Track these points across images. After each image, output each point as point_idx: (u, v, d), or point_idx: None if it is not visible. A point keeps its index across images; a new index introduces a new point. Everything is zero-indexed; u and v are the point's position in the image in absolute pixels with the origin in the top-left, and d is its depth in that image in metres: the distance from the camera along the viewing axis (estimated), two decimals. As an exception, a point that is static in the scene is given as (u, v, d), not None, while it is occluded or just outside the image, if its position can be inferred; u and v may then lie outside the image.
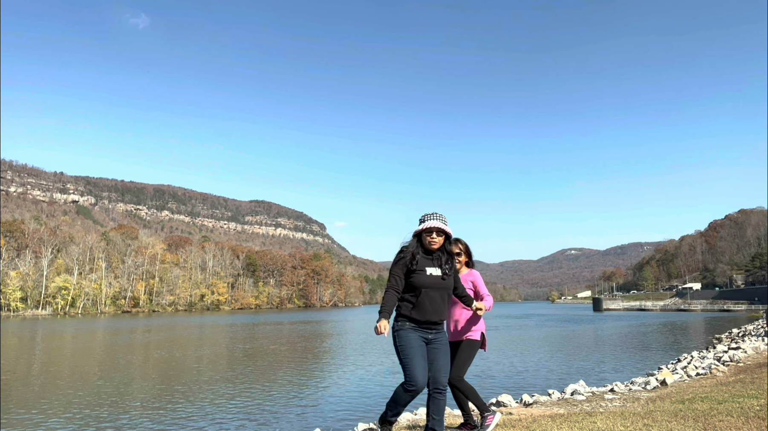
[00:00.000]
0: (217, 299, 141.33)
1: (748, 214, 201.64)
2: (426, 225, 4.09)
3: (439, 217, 4.12)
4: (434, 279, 4.03)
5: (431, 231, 4.08)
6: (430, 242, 4.07)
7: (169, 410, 12.24)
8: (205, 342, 33.18)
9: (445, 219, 4.15)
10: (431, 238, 4.07)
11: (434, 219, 4.10)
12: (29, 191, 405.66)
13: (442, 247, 4.16)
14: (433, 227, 4.07)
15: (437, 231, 4.08)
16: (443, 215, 4.16)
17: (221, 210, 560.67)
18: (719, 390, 8.30)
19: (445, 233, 4.12)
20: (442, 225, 4.08)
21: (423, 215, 4.20)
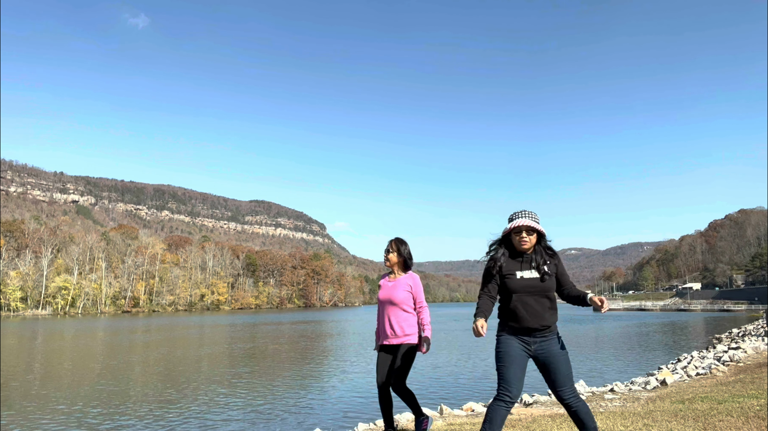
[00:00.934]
0: (217, 299, 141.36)
1: (748, 213, 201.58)
2: (514, 224, 3.78)
3: (528, 215, 3.81)
4: (527, 282, 3.72)
5: (520, 231, 3.76)
6: (520, 242, 3.76)
7: (168, 410, 12.24)
8: (205, 342, 33.18)
9: (536, 216, 3.83)
10: (521, 238, 3.76)
11: (523, 217, 3.78)
12: (29, 191, 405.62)
13: (538, 246, 3.82)
14: (522, 226, 3.75)
15: (527, 229, 3.76)
16: (534, 212, 3.85)
17: (221, 210, 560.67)
18: (719, 390, 8.31)
19: (536, 232, 3.79)
20: (532, 223, 3.75)
21: (512, 214, 3.91)
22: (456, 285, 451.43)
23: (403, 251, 4.87)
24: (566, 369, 3.67)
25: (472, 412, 8.33)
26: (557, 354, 3.68)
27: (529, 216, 3.78)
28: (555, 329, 3.78)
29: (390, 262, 4.89)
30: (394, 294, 4.75)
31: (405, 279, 4.83)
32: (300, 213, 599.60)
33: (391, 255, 4.88)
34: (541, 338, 3.72)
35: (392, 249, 4.89)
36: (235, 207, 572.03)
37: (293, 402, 13.06)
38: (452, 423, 6.17)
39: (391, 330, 4.69)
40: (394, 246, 4.90)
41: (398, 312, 4.71)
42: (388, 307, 4.75)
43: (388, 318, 4.72)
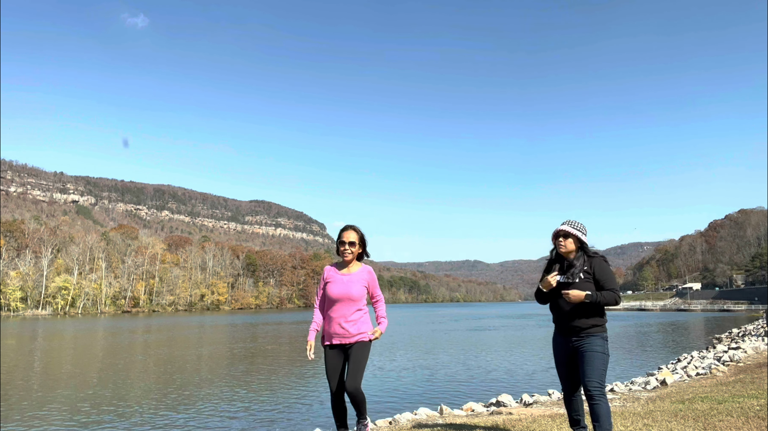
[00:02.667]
0: (217, 299, 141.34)
1: (748, 213, 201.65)
2: (555, 230, 4.19)
3: (570, 222, 4.16)
4: (559, 285, 4.08)
5: (558, 236, 4.16)
6: (557, 246, 4.17)
7: (168, 410, 12.24)
8: (205, 342, 33.18)
9: (578, 225, 4.15)
10: (557, 242, 4.15)
11: (564, 225, 4.15)
12: (29, 191, 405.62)
13: (580, 252, 4.12)
14: (559, 230, 4.14)
15: (563, 234, 4.11)
16: (579, 223, 4.17)
17: (221, 210, 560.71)
18: (719, 390, 8.31)
19: (575, 237, 4.11)
20: (567, 227, 4.10)
21: (563, 222, 4.29)
22: (456, 285, 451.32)
23: (365, 240, 4.43)
24: (599, 364, 3.85)
25: (472, 412, 8.33)
26: (593, 351, 3.90)
27: (570, 224, 4.15)
28: (596, 332, 3.96)
29: (349, 254, 4.34)
30: (351, 290, 4.28)
31: (361, 273, 4.37)
32: (300, 213, 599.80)
33: (352, 246, 4.34)
34: (576, 339, 4.00)
35: (354, 238, 4.36)
36: (235, 207, 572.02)
37: (293, 402, 13.06)
38: (452, 423, 6.18)
39: (345, 330, 4.25)
40: (357, 234, 4.38)
41: (353, 310, 4.28)
42: (342, 304, 4.28)
43: (343, 317, 4.26)
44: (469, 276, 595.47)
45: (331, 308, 4.32)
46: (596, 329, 3.98)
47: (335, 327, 4.28)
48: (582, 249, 4.12)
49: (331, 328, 4.30)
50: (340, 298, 4.27)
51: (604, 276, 4.01)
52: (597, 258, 4.09)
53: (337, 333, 4.27)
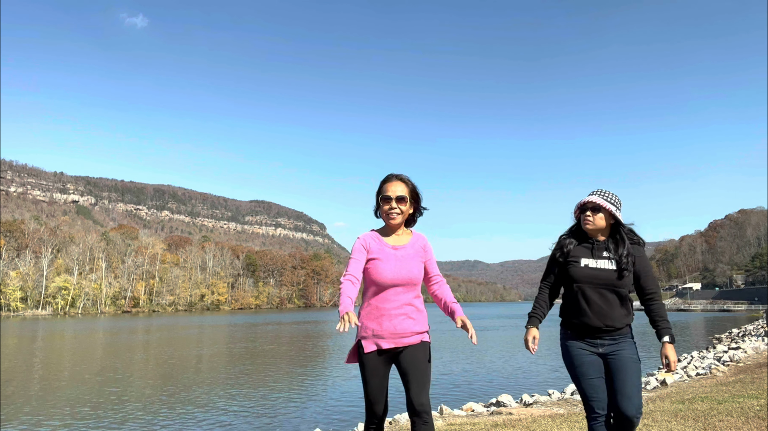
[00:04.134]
0: (217, 299, 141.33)
1: (748, 213, 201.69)
2: (581, 202, 3.20)
3: (601, 193, 3.18)
4: (592, 272, 3.09)
5: (585, 209, 3.17)
6: (584, 221, 3.17)
7: (168, 410, 12.24)
8: (205, 343, 33.17)
9: (611, 196, 3.17)
10: (585, 217, 3.17)
11: (593, 194, 3.17)
12: (29, 191, 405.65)
13: (613, 232, 3.20)
14: (587, 202, 3.15)
15: (593, 207, 3.14)
16: (612, 193, 3.19)
17: (221, 210, 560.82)
18: (719, 390, 8.30)
19: (607, 212, 3.14)
20: (600, 200, 3.12)
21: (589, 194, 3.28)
22: (456, 285, 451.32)
23: (419, 195, 3.10)
24: (636, 380, 3.01)
25: (472, 412, 8.33)
26: (629, 361, 3.05)
27: (601, 194, 3.17)
28: (627, 332, 3.15)
29: (398, 214, 2.99)
30: (412, 271, 2.96)
31: (416, 244, 3.05)
32: (300, 213, 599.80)
33: (401, 203, 2.99)
34: (609, 340, 3.10)
35: (404, 191, 3.00)
36: (235, 207, 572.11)
37: (293, 402, 13.05)
38: (452, 423, 6.17)
39: (404, 327, 2.92)
40: (408, 186, 3.03)
41: (412, 297, 2.98)
42: (397, 291, 2.93)
43: (399, 309, 2.93)
44: (469, 276, 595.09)
45: (377, 296, 2.95)
46: (628, 329, 3.16)
47: (388, 324, 2.91)
48: (617, 228, 3.18)
49: (381, 326, 2.92)
50: (396, 282, 2.92)
51: (647, 272, 3.15)
52: (639, 246, 3.18)
53: (393, 332, 2.91)
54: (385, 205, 2.99)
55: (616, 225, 3.20)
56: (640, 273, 3.15)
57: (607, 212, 3.14)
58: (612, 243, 3.17)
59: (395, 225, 3.03)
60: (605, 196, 3.16)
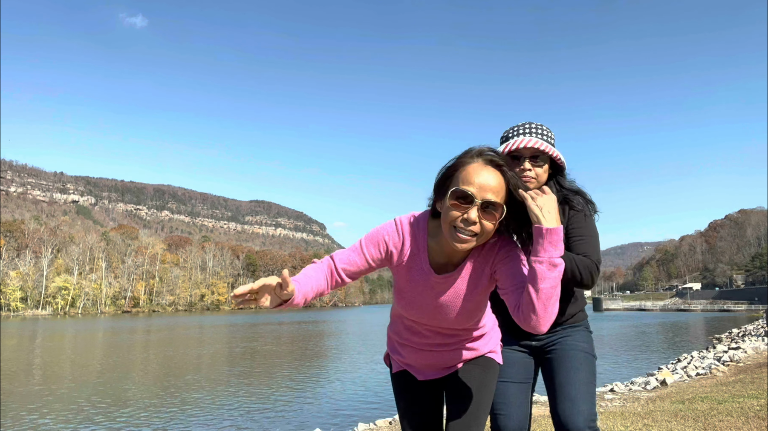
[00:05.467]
0: (217, 299, 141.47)
1: (748, 213, 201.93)
2: (510, 146, 2.12)
3: (535, 130, 2.17)
4: None
5: (519, 157, 2.13)
6: (521, 176, 2.11)
7: (168, 410, 12.24)
8: (205, 342, 33.18)
9: (547, 131, 2.20)
10: (522, 170, 2.12)
11: (526, 134, 2.15)
12: (29, 191, 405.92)
13: (553, 186, 2.23)
14: (522, 148, 2.11)
15: (532, 155, 2.13)
16: (544, 127, 2.21)
17: (221, 210, 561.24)
18: (719, 390, 8.30)
19: (545, 157, 2.17)
20: (540, 142, 2.11)
21: (507, 130, 2.25)
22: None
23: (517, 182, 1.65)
24: (585, 377, 2.14)
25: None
26: (574, 351, 2.22)
27: (535, 132, 2.16)
28: (576, 322, 2.32)
29: (472, 236, 1.60)
30: (457, 313, 1.81)
31: (485, 252, 1.75)
32: (300, 213, 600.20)
33: (488, 214, 1.60)
34: (545, 338, 2.26)
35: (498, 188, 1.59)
36: (235, 207, 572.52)
37: (293, 403, 13.06)
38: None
39: (446, 360, 1.95)
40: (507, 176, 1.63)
41: (461, 333, 1.91)
42: (435, 331, 1.89)
43: (438, 347, 1.92)
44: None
45: (405, 322, 1.95)
46: (578, 318, 2.31)
47: (416, 357, 1.97)
48: (557, 180, 2.25)
49: (407, 356, 1.99)
50: (427, 326, 1.88)
51: (581, 232, 2.13)
52: (578, 210, 2.18)
53: (426, 364, 1.97)
54: (457, 210, 1.59)
55: (555, 176, 2.27)
56: (573, 236, 2.12)
57: (547, 159, 2.19)
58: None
59: (464, 249, 1.64)
60: (543, 134, 2.17)
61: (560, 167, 2.25)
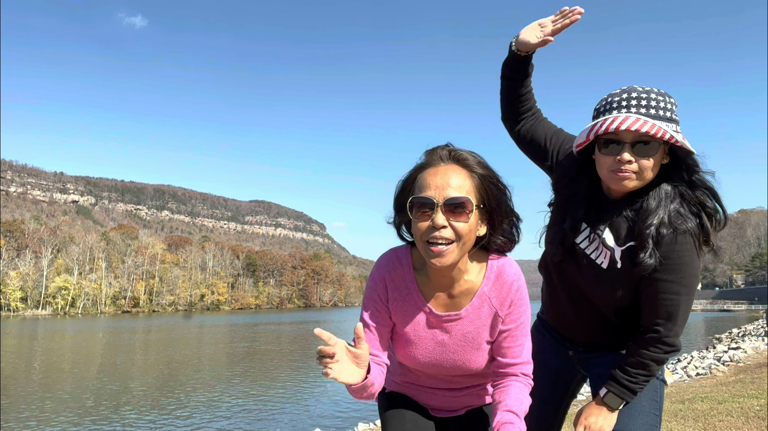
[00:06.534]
0: (217, 299, 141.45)
1: (748, 213, 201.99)
2: (598, 128, 1.54)
3: (641, 101, 1.56)
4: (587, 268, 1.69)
5: (615, 142, 1.55)
6: (614, 174, 1.57)
7: (168, 410, 12.24)
8: (205, 342, 33.18)
9: (662, 102, 1.57)
10: (618, 160, 1.54)
11: (624, 108, 1.56)
12: (29, 191, 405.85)
13: (670, 189, 1.59)
14: (618, 130, 1.52)
15: (634, 141, 1.53)
16: (659, 92, 1.59)
17: (221, 210, 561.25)
18: (719, 390, 8.30)
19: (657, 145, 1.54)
20: (646, 121, 1.50)
21: (601, 100, 1.66)
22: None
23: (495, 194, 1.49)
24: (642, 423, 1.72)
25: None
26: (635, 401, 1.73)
27: (642, 104, 1.55)
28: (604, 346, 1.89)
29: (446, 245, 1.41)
30: (465, 362, 1.59)
31: (489, 296, 1.54)
32: (300, 213, 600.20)
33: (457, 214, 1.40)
34: (585, 353, 1.90)
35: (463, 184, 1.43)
36: (235, 207, 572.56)
37: (293, 402, 13.06)
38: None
39: (455, 404, 1.77)
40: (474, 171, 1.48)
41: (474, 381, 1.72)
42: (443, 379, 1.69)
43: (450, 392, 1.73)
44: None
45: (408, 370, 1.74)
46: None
47: (423, 396, 1.76)
48: (675, 172, 1.60)
49: (413, 394, 1.78)
50: (437, 372, 1.66)
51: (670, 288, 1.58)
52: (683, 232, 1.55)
53: (431, 405, 1.77)
54: (422, 221, 1.42)
55: (669, 170, 1.59)
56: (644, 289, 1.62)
57: (665, 145, 1.56)
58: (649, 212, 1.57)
59: (444, 268, 1.46)
60: (653, 106, 1.55)
61: (684, 154, 1.55)
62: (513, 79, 1.89)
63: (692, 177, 1.56)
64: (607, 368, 1.74)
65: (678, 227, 1.53)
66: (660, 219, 1.53)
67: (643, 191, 1.58)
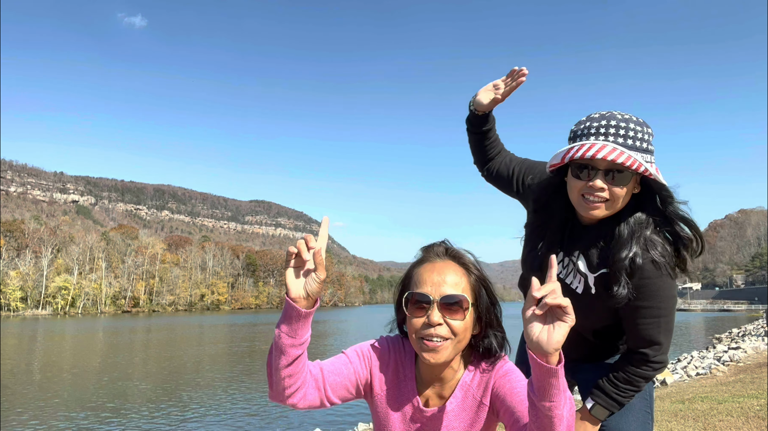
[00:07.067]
0: (217, 299, 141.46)
1: (748, 213, 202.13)
2: (574, 153, 1.54)
3: (618, 129, 1.54)
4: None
5: (588, 167, 1.55)
6: (584, 202, 1.58)
7: (169, 410, 12.24)
8: (205, 342, 33.19)
9: (638, 132, 1.56)
10: (590, 187, 1.55)
11: (601, 135, 1.55)
12: (29, 191, 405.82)
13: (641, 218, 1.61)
14: (590, 156, 1.51)
15: (605, 170, 1.53)
16: (637, 121, 1.58)
17: (221, 210, 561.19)
18: (719, 390, 8.30)
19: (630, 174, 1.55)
20: (620, 151, 1.50)
21: (578, 123, 1.65)
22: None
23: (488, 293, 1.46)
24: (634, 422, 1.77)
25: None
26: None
27: (618, 132, 1.54)
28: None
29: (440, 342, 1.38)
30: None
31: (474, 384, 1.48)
32: (300, 213, 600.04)
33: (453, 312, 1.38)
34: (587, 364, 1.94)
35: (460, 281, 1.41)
36: (235, 207, 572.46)
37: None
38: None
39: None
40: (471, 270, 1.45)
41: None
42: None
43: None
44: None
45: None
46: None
47: None
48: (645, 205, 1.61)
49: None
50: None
51: (651, 306, 1.68)
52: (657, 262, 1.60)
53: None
54: (418, 317, 1.40)
55: (641, 199, 1.60)
56: (626, 315, 1.68)
57: (634, 173, 1.54)
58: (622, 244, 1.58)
59: (438, 366, 1.43)
60: (628, 135, 1.53)
61: (657, 186, 1.56)
62: (476, 133, 2.08)
63: (666, 208, 1.57)
64: (593, 373, 1.78)
65: (654, 258, 1.57)
66: (633, 253, 1.56)
67: (616, 218, 1.59)
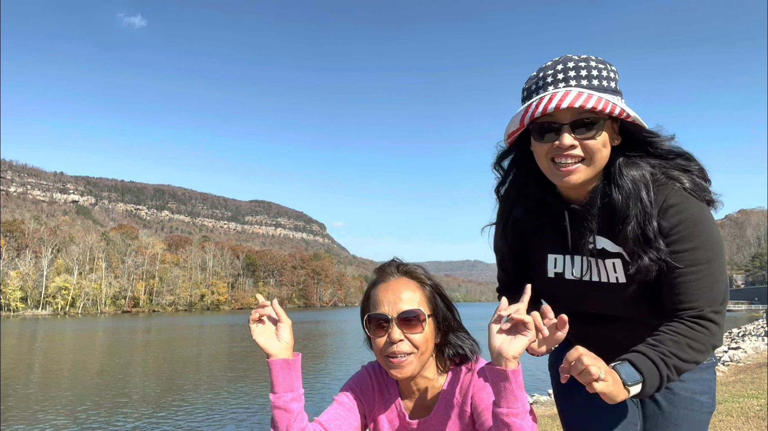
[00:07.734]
0: (217, 299, 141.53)
1: (748, 213, 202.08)
2: (531, 110, 1.30)
3: (577, 71, 1.32)
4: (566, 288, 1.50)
5: (552, 127, 1.30)
6: (555, 167, 1.33)
7: (169, 410, 12.25)
8: (205, 342, 33.20)
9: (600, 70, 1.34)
10: (557, 147, 1.31)
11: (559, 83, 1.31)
12: (29, 191, 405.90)
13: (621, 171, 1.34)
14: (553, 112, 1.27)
15: (572, 121, 1.28)
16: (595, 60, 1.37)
17: (221, 210, 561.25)
18: (719, 390, 8.30)
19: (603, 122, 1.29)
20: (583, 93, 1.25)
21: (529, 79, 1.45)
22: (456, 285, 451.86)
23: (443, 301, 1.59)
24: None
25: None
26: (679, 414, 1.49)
27: (577, 75, 1.32)
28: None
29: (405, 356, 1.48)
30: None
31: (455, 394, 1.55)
32: (300, 213, 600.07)
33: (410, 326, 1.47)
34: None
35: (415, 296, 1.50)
36: (235, 207, 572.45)
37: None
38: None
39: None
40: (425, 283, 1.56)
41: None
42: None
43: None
44: (469, 276, 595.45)
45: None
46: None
47: None
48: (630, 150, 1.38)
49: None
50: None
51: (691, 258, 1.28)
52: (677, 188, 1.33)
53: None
54: (380, 337, 1.48)
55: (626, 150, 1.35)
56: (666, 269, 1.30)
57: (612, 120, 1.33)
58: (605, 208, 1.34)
59: (408, 379, 1.51)
60: (590, 76, 1.31)
61: (637, 131, 1.30)
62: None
63: (656, 149, 1.32)
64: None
65: (685, 186, 1.29)
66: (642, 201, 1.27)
67: (607, 181, 1.33)
